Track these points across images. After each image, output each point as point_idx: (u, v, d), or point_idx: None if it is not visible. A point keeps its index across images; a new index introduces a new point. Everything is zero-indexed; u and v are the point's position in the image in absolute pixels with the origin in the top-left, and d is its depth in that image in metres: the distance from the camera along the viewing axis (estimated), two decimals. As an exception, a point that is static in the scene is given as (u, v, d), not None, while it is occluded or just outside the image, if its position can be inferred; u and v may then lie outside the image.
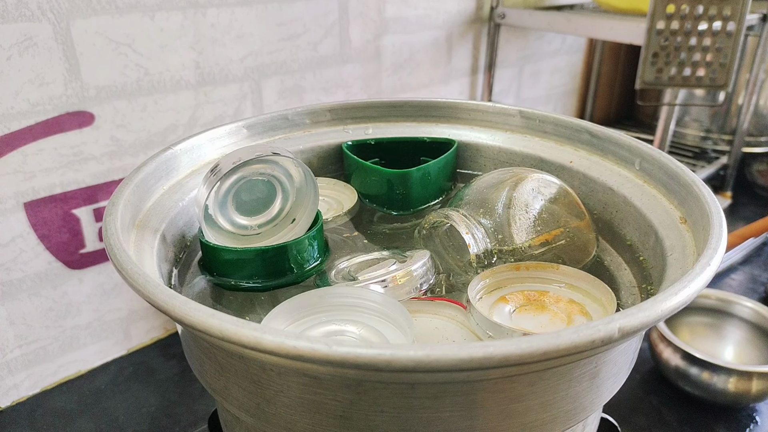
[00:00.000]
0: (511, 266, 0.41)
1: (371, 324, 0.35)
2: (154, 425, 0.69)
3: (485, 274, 0.40)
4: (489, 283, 0.40)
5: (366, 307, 0.36)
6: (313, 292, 0.36)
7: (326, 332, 0.35)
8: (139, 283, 0.29)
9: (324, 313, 0.36)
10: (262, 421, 0.33)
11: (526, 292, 0.39)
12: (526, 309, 0.38)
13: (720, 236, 0.33)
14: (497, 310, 0.37)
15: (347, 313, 0.36)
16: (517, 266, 0.40)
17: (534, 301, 0.38)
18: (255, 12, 0.76)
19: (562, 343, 0.24)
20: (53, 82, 0.63)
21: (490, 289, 0.40)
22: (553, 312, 0.37)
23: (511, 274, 0.40)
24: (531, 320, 0.36)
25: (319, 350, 0.23)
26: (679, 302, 0.28)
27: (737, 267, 1.02)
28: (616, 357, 0.33)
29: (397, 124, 0.60)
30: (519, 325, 0.36)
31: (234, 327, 0.25)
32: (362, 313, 0.36)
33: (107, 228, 0.34)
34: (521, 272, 0.40)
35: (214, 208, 0.43)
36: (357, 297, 0.36)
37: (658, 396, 0.73)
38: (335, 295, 0.37)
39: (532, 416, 0.30)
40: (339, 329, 0.35)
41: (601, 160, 0.50)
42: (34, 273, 0.68)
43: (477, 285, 0.39)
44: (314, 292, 0.36)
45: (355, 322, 0.36)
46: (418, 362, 0.23)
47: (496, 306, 0.38)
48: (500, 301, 0.38)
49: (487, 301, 0.38)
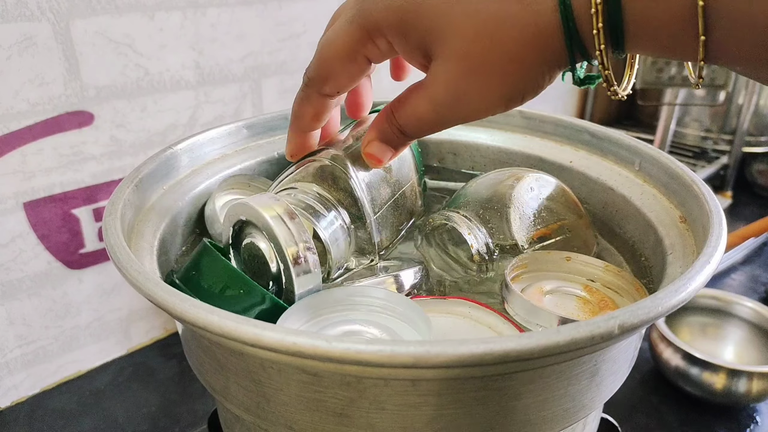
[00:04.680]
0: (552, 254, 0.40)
1: (388, 325, 0.35)
2: (154, 425, 0.69)
3: (522, 259, 0.39)
4: (524, 270, 0.40)
5: (382, 307, 0.35)
6: (329, 291, 0.36)
7: (341, 332, 0.34)
8: (139, 281, 0.29)
9: (339, 312, 0.35)
10: (261, 420, 0.33)
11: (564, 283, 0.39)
12: (560, 298, 0.38)
13: (720, 234, 0.33)
14: (531, 296, 0.37)
15: (363, 314, 0.35)
16: (568, 257, 0.40)
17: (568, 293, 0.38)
18: (255, 12, 0.76)
19: (562, 339, 0.24)
20: (53, 82, 0.63)
21: (528, 274, 0.40)
22: (585, 300, 0.37)
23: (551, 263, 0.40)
24: (564, 310, 0.37)
25: (319, 346, 0.23)
26: (680, 300, 0.28)
27: (737, 267, 1.02)
28: (616, 355, 0.33)
29: (396, 123, 0.60)
30: (555, 311, 0.35)
31: (234, 324, 0.25)
32: (379, 314, 0.35)
33: (107, 226, 0.34)
34: (563, 262, 0.40)
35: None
36: (373, 297, 0.36)
37: (658, 396, 0.73)
38: (352, 295, 0.36)
39: (533, 414, 0.30)
40: (354, 329, 0.35)
41: (601, 160, 0.50)
42: (33, 273, 0.68)
43: (512, 272, 0.39)
44: (331, 292, 0.36)
45: (371, 322, 0.35)
46: (418, 358, 0.23)
47: (531, 292, 0.38)
48: (535, 290, 0.38)
49: (522, 286, 0.39)
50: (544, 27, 0.28)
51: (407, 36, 0.31)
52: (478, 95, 0.30)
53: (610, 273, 0.39)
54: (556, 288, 0.39)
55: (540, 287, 0.38)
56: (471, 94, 0.30)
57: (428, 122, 0.33)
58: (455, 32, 0.29)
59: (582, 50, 0.28)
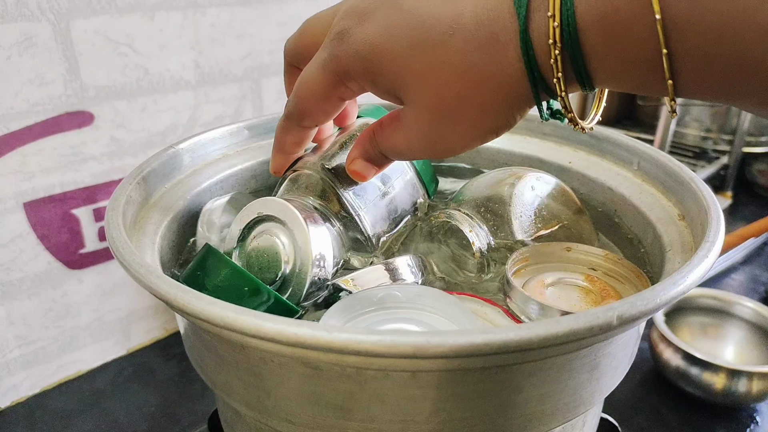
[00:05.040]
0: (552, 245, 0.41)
1: (431, 322, 0.35)
2: (154, 425, 0.69)
3: (523, 253, 0.40)
4: (525, 263, 0.40)
5: (424, 304, 0.35)
6: (371, 291, 0.36)
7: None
8: (142, 274, 0.29)
9: (381, 311, 0.35)
10: (262, 414, 0.33)
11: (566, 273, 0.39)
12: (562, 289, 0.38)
13: (718, 229, 0.34)
14: (533, 289, 0.38)
15: (405, 312, 0.35)
16: (569, 247, 0.41)
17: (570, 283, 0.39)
18: (255, 12, 0.76)
19: (561, 329, 0.24)
20: (53, 82, 0.63)
21: (530, 267, 0.40)
22: (587, 290, 0.38)
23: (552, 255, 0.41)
24: (566, 301, 0.37)
25: (320, 337, 0.23)
26: (678, 291, 0.28)
27: (737, 267, 1.02)
28: (616, 350, 0.33)
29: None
30: (556, 304, 0.36)
31: (234, 314, 0.25)
32: (421, 311, 0.35)
33: (109, 221, 0.35)
34: (563, 253, 0.41)
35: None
36: (415, 295, 0.36)
37: (658, 396, 0.73)
38: (393, 294, 0.36)
39: (533, 408, 0.31)
40: (396, 328, 0.35)
41: (600, 161, 0.51)
42: (33, 273, 0.68)
43: (513, 266, 0.39)
44: (372, 291, 0.36)
45: (414, 320, 0.35)
46: (418, 348, 0.23)
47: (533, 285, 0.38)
48: (537, 283, 0.39)
49: (523, 280, 0.39)
50: (509, 75, 0.28)
51: (376, 83, 0.31)
52: (450, 140, 0.31)
53: (610, 261, 0.39)
54: (557, 279, 0.39)
55: (542, 280, 0.38)
56: (443, 139, 0.31)
57: (406, 155, 0.34)
58: (420, 85, 0.30)
59: (548, 92, 0.29)
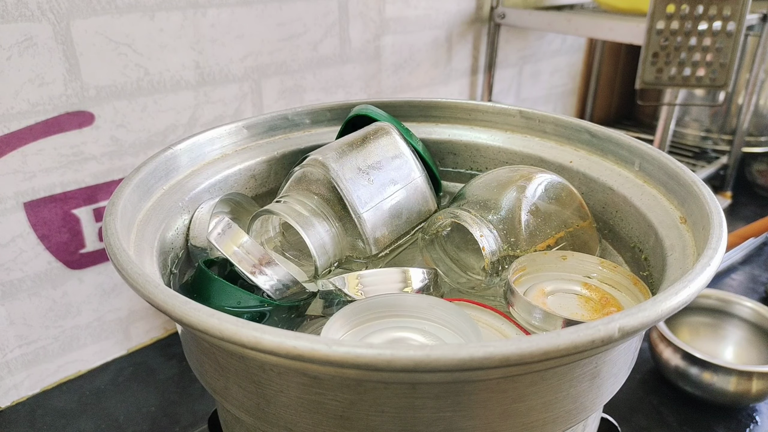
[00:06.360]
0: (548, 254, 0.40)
1: (434, 332, 0.34)
2: (154, 425, 0.69)
3: (521, 262, 0.39)
4: (523, 272, 0.40)
5: (428, 314, 0.35)
6: (375, 299, 0.36)
7: (386, 340, 0.34)
8: (139, 283, 0.29)
9: (384, 320, 0.35)
10: (262, 421, 0.33)
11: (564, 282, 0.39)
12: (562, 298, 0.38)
13: (720, 236, 0.33)
14: (534, 298, 0.37)
15: (408, 321, 0.35)
16: (564, 256, 0.40)
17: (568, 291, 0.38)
18: (255, 12, 0.76)
19: (562, 342, 0.24)
20: (53, 82, 0.63)
21: (527, 276, 0.40)
22: (586, 298, 0.37)
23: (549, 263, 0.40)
24: (567, 310, 0.37)
25: (318, 350, 0.23)
26: (680, 302, 0.28)
27: (737, 267, 1.02)
28: (617, 357, 0.33)
29: (397, 124, 0.60)
30: (560, 312, 0.35)
31: (233, 327, 0.25)
32: (424, 321, 0.35)
33: (107, 227, 0.34)
34: (559, 261, 0.40)
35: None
36: (419, 304, 0.35)
37: (658, 396, 0.73)
38: (397, 302, 0.36)
39: (534, 416, 0.30)
40: (399, 336, 0.34)
41: (601, 160, 0.50)
42: (34, 273, 0.68)
43: (513, 275, 0.39)
44: (377, 299, 0.36)
45: (417, 329, 0.35)
46: (418, 362, 0.23)
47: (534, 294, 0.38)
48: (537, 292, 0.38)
49: (523, 288, 0.39)
50: None
51: None
52: None
53: (606, 269, 0.39)
54: (556, 288, 0.38)
55: (542, 288, 0.38)
56: None
57: None
58: None
59: None
